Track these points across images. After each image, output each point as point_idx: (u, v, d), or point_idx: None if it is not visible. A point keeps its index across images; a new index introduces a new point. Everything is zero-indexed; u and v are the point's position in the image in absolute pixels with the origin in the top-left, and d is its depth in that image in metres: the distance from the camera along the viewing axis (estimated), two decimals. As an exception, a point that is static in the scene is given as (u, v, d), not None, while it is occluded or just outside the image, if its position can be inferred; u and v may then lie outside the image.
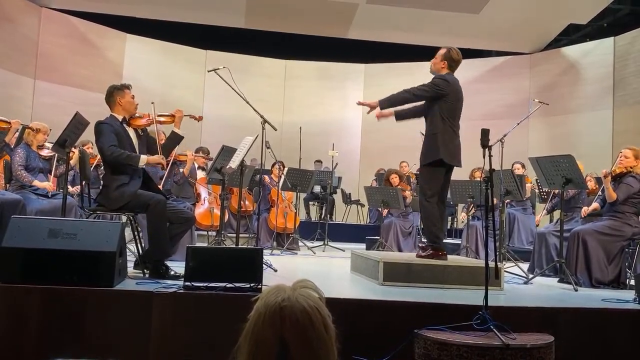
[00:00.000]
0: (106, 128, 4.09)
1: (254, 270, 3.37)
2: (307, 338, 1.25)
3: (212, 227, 6.95)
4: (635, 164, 5.03)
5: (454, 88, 4.45)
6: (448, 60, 4.55)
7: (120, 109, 4.21)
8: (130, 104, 4.24)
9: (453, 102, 4.44)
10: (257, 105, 5.23)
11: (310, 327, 1.25)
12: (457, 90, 4.48)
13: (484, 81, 12.32)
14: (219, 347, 3.00)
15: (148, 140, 4.42)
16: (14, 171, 5.01)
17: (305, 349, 1.24)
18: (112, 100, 4.22)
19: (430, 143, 4.42)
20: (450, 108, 4.43)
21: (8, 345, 3.02)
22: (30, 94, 10.41)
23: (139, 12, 11.34)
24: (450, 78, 4.49)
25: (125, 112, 4.23)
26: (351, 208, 11.90)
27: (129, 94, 4.25)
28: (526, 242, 7.27)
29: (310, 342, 1.25)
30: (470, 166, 7.75)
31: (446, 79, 4.45)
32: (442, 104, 4.41)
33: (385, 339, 3.09)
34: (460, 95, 4.52)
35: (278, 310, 1.26)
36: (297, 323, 1.25)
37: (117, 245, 3.34)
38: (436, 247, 4.42)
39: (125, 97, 4.22)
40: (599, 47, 11.10)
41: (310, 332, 1.25)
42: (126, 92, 4.24)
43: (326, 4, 10.65)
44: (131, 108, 4.25)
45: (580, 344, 3.34)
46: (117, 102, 4.20)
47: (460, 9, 10.55)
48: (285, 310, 1.26)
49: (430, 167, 4.43)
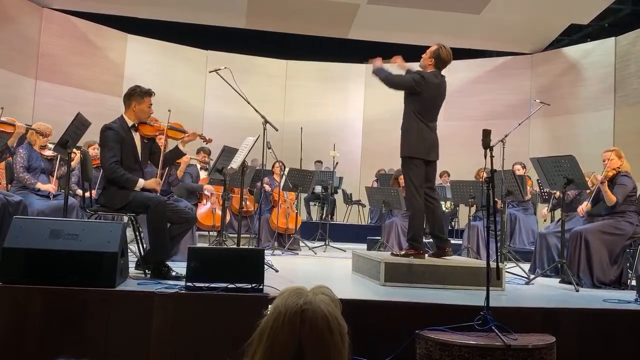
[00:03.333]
0: (111, 136, 4.07)
1: (255, 271, 3.38)
2: (324, 344, 1.26)
3: (213, 228, 6.95)
4: (621, 162, 5.09)
5: (428, 86, 4.45)
6: (435, 58, 4.56)
7: (133, 115, 4.22)
8: (143, 113, 4.22)
9: (426, 100, 4.47)
10: (258, 106, 5.23)
11: (328, 333, 1.26)
12: (431, 87, 4.48)
13: (484, 81, 12.32)
14: (220, 347, 3.01)
15: (152, 148, 4.41)
16: (15, 173, 4.97)
17: (320, 354, 1.25)
18: (129, 103, 4.22)
19: (402, 140, 4.52)
20: (423, 106, 4.48)
21: (10, 345, 3.02)
22: (32, 94, 10.42)
23: (140, 12, 11.35)
24: (428, 75, 4.50)
25: (136, 118, 4.23)
26: (352, 208, 11.90)
27: (147, 102, 4.22)
28: (527, 242, 7.27)
29: (326, 348, 1.26)
30: (471, 167, 7.77)
31: (423, 75, 4.48)
32: (415, 102, 4.47)
33: (387, 339, 3.09)
34: (437, 92, 4.52)
35: (299, 312, 1.26)
36: (316, 327, 1.25)
37: (119, 246, 3.35)
38: (415, 245, 4.47)
39: (141, 105, 4.20)
40: (600, 48, 11.10)
41: (327, 338, 1.26)
42: (145, 99, 4.21)
43: (327, 5, 10.65)
44: (143, 117, 4.24)
45: (582, 345, 3.34)
46: (132, 107, 4.20)
47: (461, 9, 10.55)
48: (306, 313, 1.26)
49: (405, 161, 4.50)
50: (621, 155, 5.13)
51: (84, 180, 4.79)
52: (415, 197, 4.46)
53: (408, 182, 4.55)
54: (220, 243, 5.84)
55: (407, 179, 4.58)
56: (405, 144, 4.52)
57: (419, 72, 4.54)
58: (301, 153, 8.64)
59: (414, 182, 4.47)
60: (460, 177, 7.63)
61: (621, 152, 5.18)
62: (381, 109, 12.15)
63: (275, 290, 3.25)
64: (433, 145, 4.53)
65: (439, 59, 4.56)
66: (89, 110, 6.13)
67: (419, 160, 4.47)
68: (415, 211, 4.52)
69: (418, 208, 4.48)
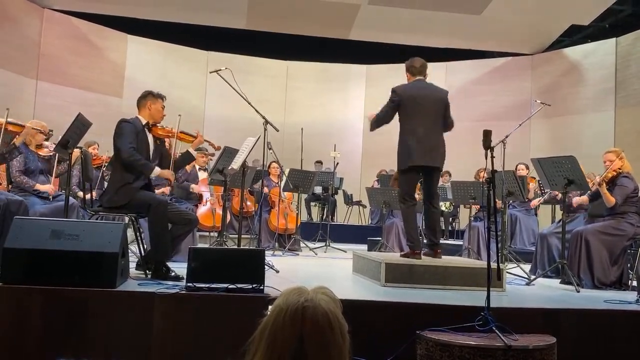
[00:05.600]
0: (128, 127, 4.16)
1: (255, 271, 3.38)
2: (324, 341, 1.26)
3: (214, 228, 6.95)
4: (622, 163, 5.08)
5: (405, 93, 4.63)
6: (407, 70, 4.77)
7: (148, 114, 4.30)
8: (158, 112, 4.34)
9: (407, 106, 4.61)
10: (259, 106, 5.23)
11: (329, 331, 1.27)
12: (408, 92, 4.64)
13: (485, 82, 12.32)
14: (221, 348, 3.01)
15: (162, 152, 4.46)
16: (12, 178, 4.93)
17: (321, 352, 1.25)
18: (144, 103, 4.32)
19: (398, 150, 4.70)
20: (406, 112, 4.62)
21: (11, 345, 3.02)
22: (33, 94, 10.42)
23: (141, 13, 11.36)
24: (401, 86, 4.71)
25: (151, 118, 4.32)
26: (353, 209, 11.90)
27: (161, 103, 4.35)
28: (528, 243, 7.26)
29: (326, 345, 1.26)
30: (472, 167, 7.76)
31: (395, 89, 4.68)
32: (400, 111, 4.65)
33: (387, 340, 3.09)
34: (416, 94, 4.64)
35: (300, 309, 1.27)
36: (317, 325, 1.26)
37: (120, 246, 3.35)
38: (410, 246, 4.66)
39: (156, 105, 4.32)
40: (600, 48, 11.10)
41: (328, 336, 1.27)
42: (159, 101, 4.34)
43: (328, 5, 10.65)
44: (157, 116, 4.35)
45: (583, 345, 3.34)
46: (147, 106, 4.30)
47: (462, 10, 10.55)
48: (307, 311, 1.27)
49: (401, 172, 4.72)
50: (622, 157, 5.13)
51: (85, 180, 4.79)
52: (403, 204, 4.69)
53: (399, 189, 4.85)
54: (220, 244, 5.84)
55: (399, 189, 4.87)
56: (398, 154, 4.71)
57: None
58: (302, 154, 8.64)
59: (402, 189, 4.73)
60: (461, 178, 7.63)
61: (622, 153, 5.17)
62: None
63: (275, 291, 3.25)
64: (424, 149, 4.54)
65: (411, 67, 4.74)
66: (90, 111, 6.14)
67: (406, 170, 4.64)
68: (405, 217, 4.74)
69: (407, 214, 4.70)
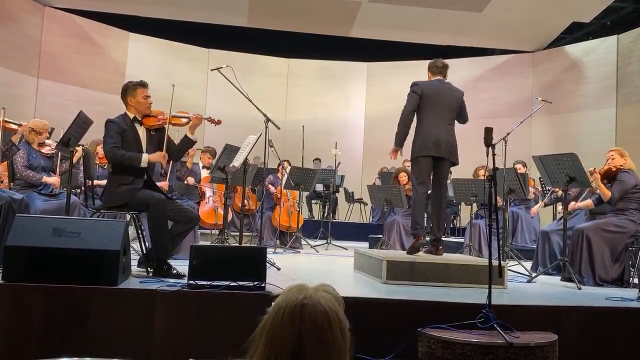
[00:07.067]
0: (112, 128, 4.12)
1: (257, 269, 3.38)
2: (323, 339, 1.26)
3: (216, 226, 6.95)
4: (624, 161, 5.10)
5: (423, 86, 4.81)
6: (429, 70, 4.97)
7: (133, 109, 4.24)
8: (140, 104, 4.22)
9: (425, 101, 4.79)
10: (260, 104, 5.23)
11: (328, 328, 1.27)
12: (427, 88, 4.82)
13: (486, 79, 12.30)
14: (222, 345, 3.01)
15: (160, 140, 4.33)
16: (18, 172, 4.94)
17: (320, 349, 1.25)
18: (125, 99, 4.26)
19: (412, 141, 4.85)
20: (423, 106, 4.78)
21: (12, 343, 3.03)
22: (34, 93, 10.43)
23: (142, 11, 11.35)
24: (421, 81, 4.88)
25: (137, 112, 4.24)
26: (354, 207, 11.89)
27: (141, 93, 4.21)
28: (529, 240, 7.26)
29: (325, 343, 1.26)
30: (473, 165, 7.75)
31: (415, 82, 4.86)
32: (420, 105, 4.79)
33: (389, 337, 3.09)
34: (434, 91, 4.82)
35: (299, 307, 1.27)
36: (315, 322, 1.26)
37: (121, 244, 3.35)
38: (414, 233, 4.78)
39: (135, 97, 4.20)
40: (602, 45, 11.07)
41: (327, 333, 1.27)
42: (138, 91, 4.21)
43: (329, 3, 10.64)
44: (142, 108, 4.23)
45: (584, 343, 3.34)
46: (128, 102, 4.24)
47: (463, 7, 10.53)
48: (305, 308, 1.27)
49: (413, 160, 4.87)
50: (624, 154, 5.15)
51: (86, 177, 4.80)
52: (414, 190, 4.82)
53: (411, 176, 5.06)
54: (222, 241, 5.85)
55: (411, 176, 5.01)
56: (413, 144, 4.85)
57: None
58: (303, 151, 8.64)
59: (415, 177, 4.83)
60: (462, 175, 7.61)
61: (624, 152, 5.19)
62: (383, 107, 12.13)
63: (277, 289, 3.26)
64: (432, 140, 4.71)
65: (433, 67, 4.93)
66: (91, 109, 6.15)
67: (419, 158, 4.76)
68: (413, 203, 4.87)
69: (415, 200, 4.81)
